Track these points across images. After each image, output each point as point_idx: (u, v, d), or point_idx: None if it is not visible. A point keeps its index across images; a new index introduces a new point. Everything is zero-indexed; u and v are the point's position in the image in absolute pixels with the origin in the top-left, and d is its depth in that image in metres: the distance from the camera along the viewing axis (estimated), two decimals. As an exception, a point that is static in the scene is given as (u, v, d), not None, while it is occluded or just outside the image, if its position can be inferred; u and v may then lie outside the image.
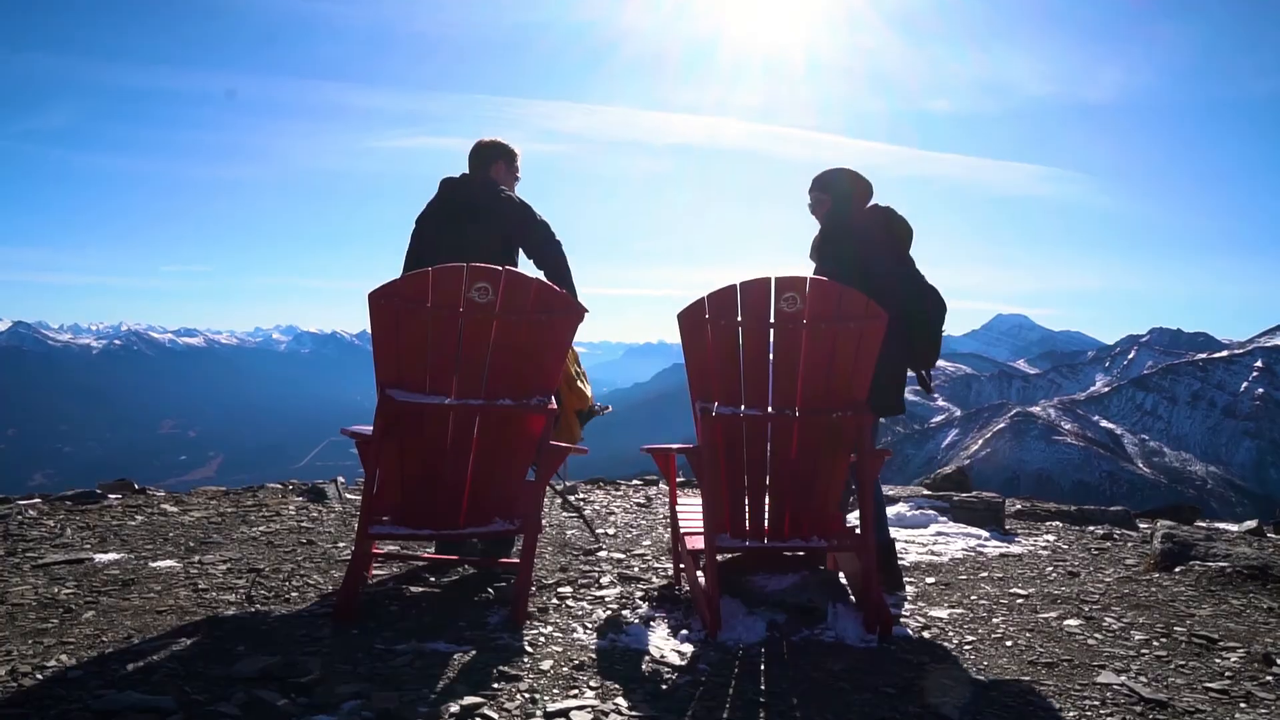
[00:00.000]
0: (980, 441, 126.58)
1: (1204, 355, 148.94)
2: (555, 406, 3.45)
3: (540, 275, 3.94)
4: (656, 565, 4.59)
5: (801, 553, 3.75)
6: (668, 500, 4.74)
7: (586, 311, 3.48)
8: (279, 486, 9.14)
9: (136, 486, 9.44)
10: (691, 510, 3.97)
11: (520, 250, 4.31)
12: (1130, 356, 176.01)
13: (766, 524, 3.51)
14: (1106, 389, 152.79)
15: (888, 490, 7.41)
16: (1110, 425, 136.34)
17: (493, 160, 4.41)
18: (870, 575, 3.32)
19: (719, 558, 3.43)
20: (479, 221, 4.15)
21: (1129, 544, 5.83)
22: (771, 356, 3.35)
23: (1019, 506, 9.22)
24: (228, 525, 5.35)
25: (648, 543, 5.38)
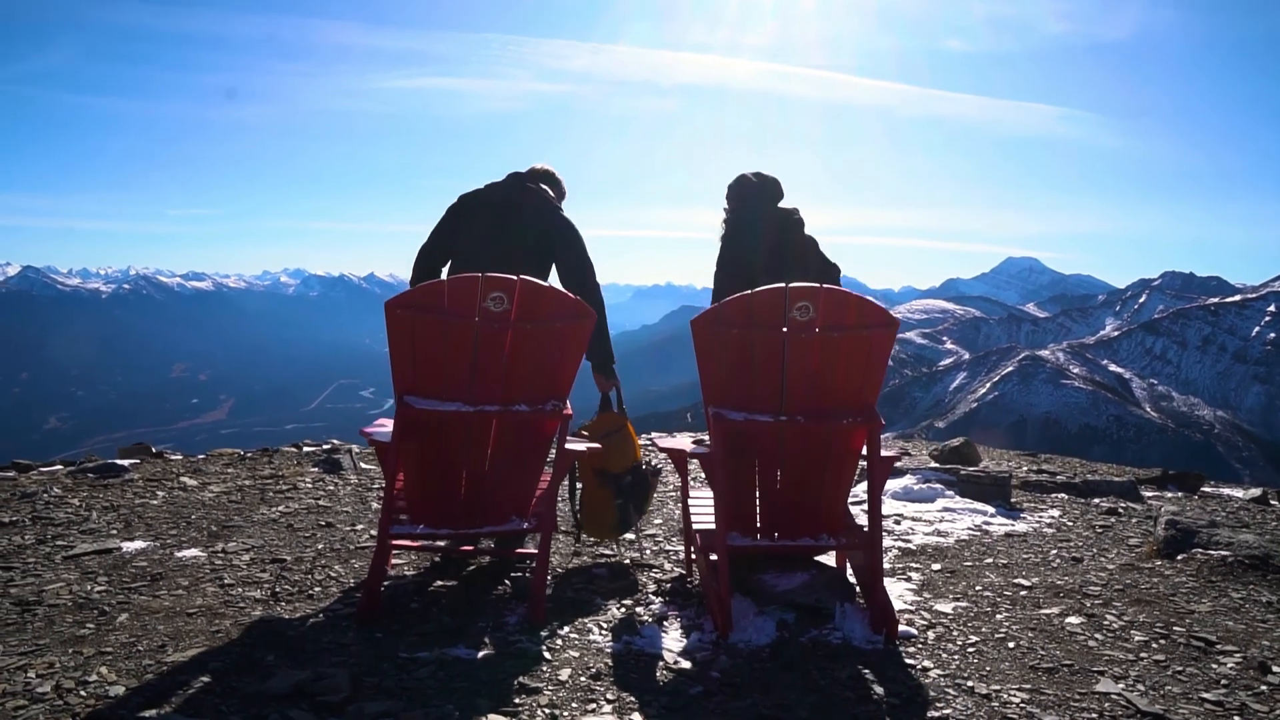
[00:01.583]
0: (988, 385, 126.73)
1: (1216, 299, 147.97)
2: (570, 411, 3.52)
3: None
4: (669, 549, 4.70)
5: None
6: (679, 481, 4.81)
7: (597, 316, 3.52)
8: (294, 450, 9.30)
9: (154, 450, 9.64)
10: (704, 504, 4.06)
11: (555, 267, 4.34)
12: (1141, 300, 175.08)
13: (777, 523, 3.59)
14: (1116, 333, 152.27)
15: (896, 461, 7.49)
16: (1119, 369, 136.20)
17: (547, 182, 4.42)
18: (877, 576, 3.41)
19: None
20: (525, 228, 4.16)
21: (1133, 520, 5.92)
22: (784, 364, 3.39)
23: (1026, 469, 9.33)
24: (247, 504, 5.47)
25: (659, 521, 5.49)
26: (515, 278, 3.33)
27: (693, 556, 4.11)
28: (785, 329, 3.34)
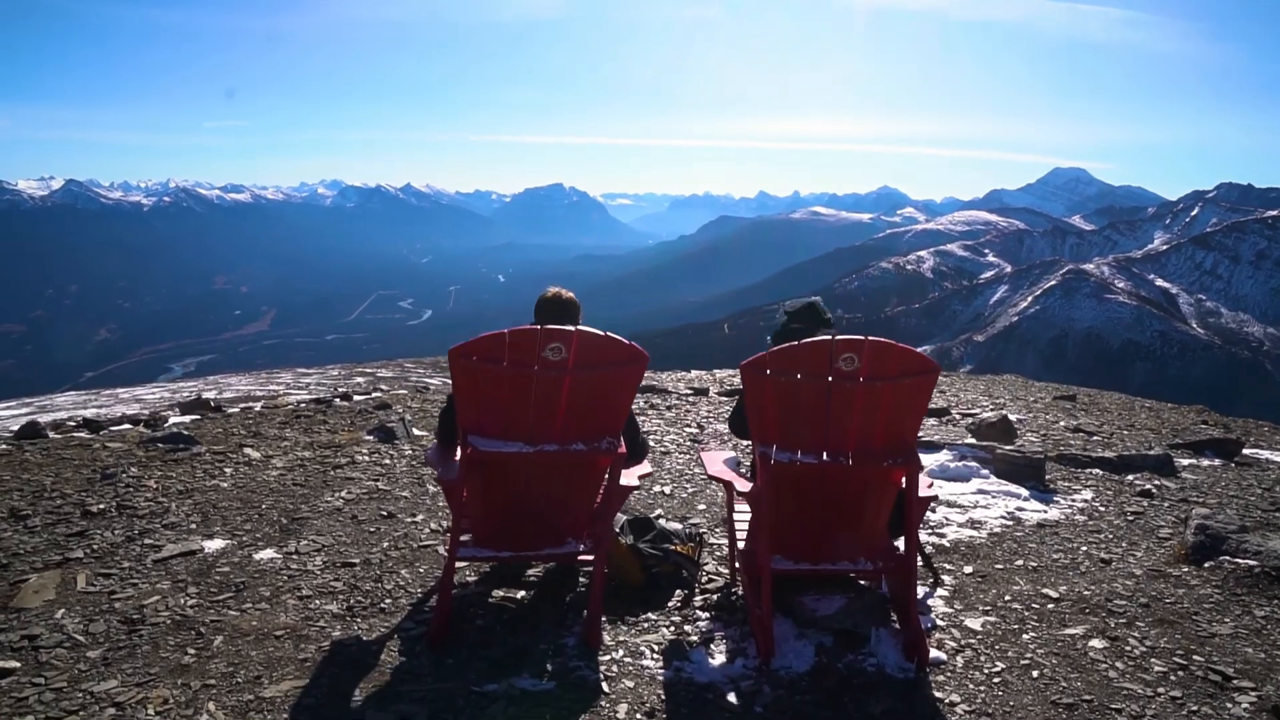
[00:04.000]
0: (1029, 299, 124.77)
1: (1275, 212, 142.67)
2: (624, 450, 3.73)
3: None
4: (711, 542, 4.95)
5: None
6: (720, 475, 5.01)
7: (649, 358, 3.69)
8: (347, 406, 9.67)
9: (213, 404, 10.09)
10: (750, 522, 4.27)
11: None
12: (1193, 213, 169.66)
13: (818, 549, 3.81)
14: (1165, 247, 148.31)
15: (933, 435, 7.66)
16: (1166, 284, 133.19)
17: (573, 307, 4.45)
18: (910, 606, 3.63)
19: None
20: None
21: (1165, 503, 6.07)
22: (829, 410, 3.54)
23: (1063, 424, 9.42)
24: (311, 488, 5.80)
25: (702, 506, 5.75)
26: (573, 329, 3.50)
27: (736, 567, 4.35)
28: (830, 378, 3.49)
